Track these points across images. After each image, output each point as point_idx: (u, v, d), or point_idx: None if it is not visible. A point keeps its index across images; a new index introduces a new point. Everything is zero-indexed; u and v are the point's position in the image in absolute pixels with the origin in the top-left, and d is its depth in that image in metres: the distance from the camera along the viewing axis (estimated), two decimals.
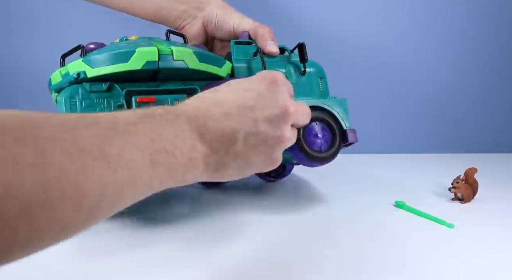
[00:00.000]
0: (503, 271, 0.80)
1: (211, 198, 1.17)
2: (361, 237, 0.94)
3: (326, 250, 0.88)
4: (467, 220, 1.04)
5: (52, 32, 1.57)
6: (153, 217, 1.03)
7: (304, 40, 1.09)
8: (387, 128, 1.71)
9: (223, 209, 1.09)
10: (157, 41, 0.97)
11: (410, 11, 1.62)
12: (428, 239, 0.93)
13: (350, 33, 1.62)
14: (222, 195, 1.20)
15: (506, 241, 0.93)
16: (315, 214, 1.08)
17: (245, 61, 1.06)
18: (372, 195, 1.22)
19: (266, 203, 1.14)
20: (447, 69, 1.68)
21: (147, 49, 0.88)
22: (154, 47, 0.89)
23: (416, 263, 0.82)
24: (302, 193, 1.23)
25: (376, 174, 1.40)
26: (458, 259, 0.84)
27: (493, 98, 1.73)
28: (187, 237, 0.92)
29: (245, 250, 0.86)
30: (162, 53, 0.89)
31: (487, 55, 1.69)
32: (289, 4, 1.59)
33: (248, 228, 0.97)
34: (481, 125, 1.75)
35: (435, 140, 1.73)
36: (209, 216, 1.04)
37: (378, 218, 1.05)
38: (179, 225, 0.98)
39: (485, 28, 1.66)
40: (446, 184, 1.26)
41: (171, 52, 0.91)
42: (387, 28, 1.62)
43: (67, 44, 0.99)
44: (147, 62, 0.88)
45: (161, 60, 0.89)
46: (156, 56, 0.89)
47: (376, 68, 1.65)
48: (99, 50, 0.93)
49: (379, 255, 0.86)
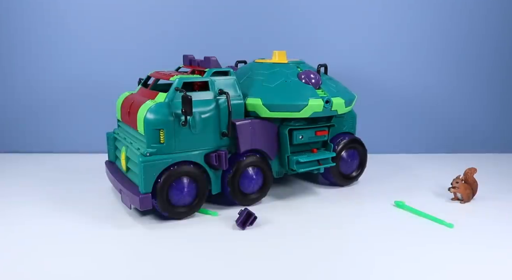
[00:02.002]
0: (502, 270, 0.81)
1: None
2: (361, 237, 0.94)
3: (326, 249, 0.88)
4: (466, 220, 1.05)
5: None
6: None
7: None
8: (387, 129, 1.71)
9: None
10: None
11: (403, 15, 1.62)
12: (428, 239, 0.94)
13: (350, 36, 1.62)
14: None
15: (505, 241, 0.94)
16: (315, 214, 1.08)
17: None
18: (372, 195, 1.22)
19: (268, 201, 1.15)
20: (447, 70, 1.69)
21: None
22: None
23: (416, 263, 0.83)
24: (302, 193, 1.24)
25: (376, 174, 1.40)
26: (458, 259, 0.85)
27: (493, 99, 1.73)
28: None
29: (248, 242, 0.87)
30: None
31: (487, 55, 1.69)
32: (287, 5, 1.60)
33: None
34: (481, 125, 1.75)
35: (435, 140, 1.74)
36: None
37: (378, 218, 1.06)
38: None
39: (479, 30, 1.66)
40: (446, 184, 1.27)
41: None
42: (385, 31, 1.62)
43: None
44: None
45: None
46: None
47: (377, 69, 1.65)
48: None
49: (379, 254, 0.86)
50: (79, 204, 1.11)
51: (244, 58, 1.43)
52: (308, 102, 1.10)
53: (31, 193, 1.19)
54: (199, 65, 1.16)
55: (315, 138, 1.18)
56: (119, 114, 1.17)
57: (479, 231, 0.99)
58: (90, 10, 1.53)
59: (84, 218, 1.02)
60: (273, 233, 0.96)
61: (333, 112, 1.16)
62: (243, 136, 1.08)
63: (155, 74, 1.16)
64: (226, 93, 1.06)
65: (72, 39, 1.55)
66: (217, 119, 1.06)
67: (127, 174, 1.12)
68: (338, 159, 1.23)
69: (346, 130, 1.29)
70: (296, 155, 1.16)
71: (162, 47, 1.57)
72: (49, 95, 1.59)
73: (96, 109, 1.60)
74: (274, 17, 1.59)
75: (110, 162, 1.25)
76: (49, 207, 1.10)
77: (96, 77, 1.58)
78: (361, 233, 0.97)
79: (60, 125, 1.62)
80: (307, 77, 1.17)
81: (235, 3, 1.57)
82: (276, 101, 1.10)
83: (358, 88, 1.53)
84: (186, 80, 1.04)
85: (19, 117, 1.61)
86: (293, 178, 1.36)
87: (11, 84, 1.59)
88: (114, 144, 1.23)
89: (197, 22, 1.57)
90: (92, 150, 1.60)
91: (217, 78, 1.08)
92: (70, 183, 1.27)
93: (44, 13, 1.53)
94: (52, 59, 1.57)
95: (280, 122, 1.16)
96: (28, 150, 1.62)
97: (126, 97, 1.15)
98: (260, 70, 1.20)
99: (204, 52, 1.25)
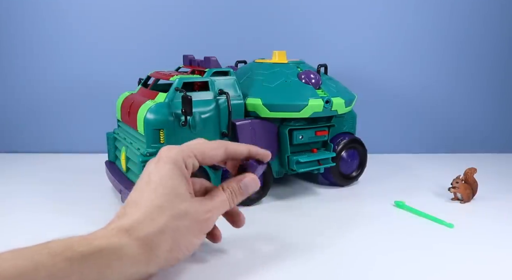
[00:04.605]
0: (502, 270, 0.81)
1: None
2: (361, 237, 0.94)
3: (326, 249, 0.88)
4: (466, 220, 1.05)
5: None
6: None
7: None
8: (387, 129, 1.71)
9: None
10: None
11: (403, 15, 1.62)
12: (428, 239, 0.94)
13: (350, 36, 1.62)
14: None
15: (505, 241, 0.94)
16: (315, 214, 1.08)
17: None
18: (372, 195, 1.22)
19: (268, 201, 1.15)
20: (447, 70, 1.68)
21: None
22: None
23: (416, 263, 0.83)
24: (302, 193, 1.24)
25: (376, 174, 1.40)
26: (458, 259, 0.85)
27: (493, 99, 1.73)
28: None
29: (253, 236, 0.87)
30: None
31: (487, 56, 1.69)
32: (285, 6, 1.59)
33: (255, 215, 0.98)
34: (481, 125, 1.75)
35: (435, 140, 1.74)
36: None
37: (378, 218, 1.06)
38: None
39: (478, 31, 1.66)
40: (446, 184, 1.27)
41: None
42: (385, 31, 1.62)
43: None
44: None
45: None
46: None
47: (377, 69, 1.65)
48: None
49: (379, 254, 0.86)
50: (79, 204, 1.11)
51: (244, 58, 1.43)
52: (308, 102, 1.10)
53: (31, 193, 1.19)
54: (199, 65, 1.16)
55: (315, 138, 1.18)
56: (119, 114, 1.17)
57: (479, 231, 0.98)
58: (90, 10, 1.53)
59: (84, 218, 1.02)
60: (273, 233, 0.96)
61: (333, 112, 1.16)
62: (243, 136, 1.08)
63: (155, 74, 1.16)
64: (226, 93, 1.06)
65: (72, 39, 1.55)
66: (217, 119, 1.06)
67: (127, 174, 1.12)
68: (338, 159, 1.23)
69: (346, 130, 1.29)
70: (296, 155, 1.16)
71: (162, 47, 1.57)
72: (49, 95, 1.59)
73: (96, 109, 1.60)
74: (274, 17, 1.59)
75: (110, 162, 1.25)
76: (49, 207, 1.09)
77: (96, 77, 1.58)
78: (361, 233, 0.97)
79: (60, 125, 1.62)
80: (307, 77, 1.17)
81: (235, 3, 1.57)
82: (276, 101, 1.10)
83: (358, 88, 1.53)
84: (186, 80, 1.04)
85: (19, 117, 1.61)
86: (293, 178, 1.36)
87: (11, 84, 1.59)
88: (114, 144, 1.23)
89: (197, 22, 1.57)
90: (92, 150, 1.60)
91: (217, 78, 1.08)
92: (70, 183, 1.27)
93: (44, 13, 1.53)
94: (52, 59, 1.57)
95: (280, 122, 1.16)
96: (28, 150, 1.62)
97: (126, 97, 1.15)
98: (260, 70, 1.20)
99: (204, 52, 1.25)
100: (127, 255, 0.63)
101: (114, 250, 0.62)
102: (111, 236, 0.64)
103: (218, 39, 1.58)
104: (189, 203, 0.72)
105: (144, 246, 0.65)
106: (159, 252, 0.67)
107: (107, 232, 0.65)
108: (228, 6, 1.57)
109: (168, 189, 0.70)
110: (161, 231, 0.67)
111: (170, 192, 0.70)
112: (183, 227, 0.70)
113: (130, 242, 0.64)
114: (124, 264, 0.63)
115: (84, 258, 0.59)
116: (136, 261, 0.65)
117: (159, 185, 0.70)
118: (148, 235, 0.66)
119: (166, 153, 0.74)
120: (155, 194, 0.70)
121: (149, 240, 0.66)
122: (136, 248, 0.64)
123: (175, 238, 0.69)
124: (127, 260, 0.63)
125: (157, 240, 0.67)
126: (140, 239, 0.65)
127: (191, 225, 0.71)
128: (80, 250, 0.59)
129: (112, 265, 0.61)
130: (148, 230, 0.66)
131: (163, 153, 0.74)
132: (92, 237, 0.63)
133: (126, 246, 0.63)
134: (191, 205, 0.72)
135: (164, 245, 0.68)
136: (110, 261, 0.61)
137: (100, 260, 0.60)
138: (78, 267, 0.58)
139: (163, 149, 0.76)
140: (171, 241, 0.68)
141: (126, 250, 0.63)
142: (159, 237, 0.67)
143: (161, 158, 0.74)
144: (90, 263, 0.59)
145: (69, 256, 0.57)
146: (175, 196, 0.71)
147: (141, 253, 0.65)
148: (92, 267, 0.59)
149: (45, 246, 0.59)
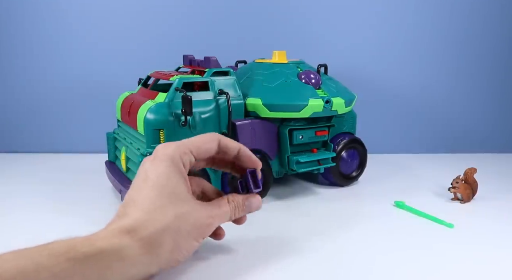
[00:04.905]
0: (502, 270, 0.81)
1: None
2: (361, 237, 0.94)
3: (326, 249, 0.88)
4: (466, 220, 1.05)
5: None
6: None
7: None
8: (387, 129, 1.71)
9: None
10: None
11: (403, 15, 1.62)
12: (428, 239, 0.94)
13: (350, 36, 1.62)
14: None
15: (505, 241, 0.94)
16: (315, 214, 1.08)
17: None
18: (372, 195, 1.22)
19: (268, 201, 1.14)
20: (446, 70, 1.68)
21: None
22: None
23: (416, 263, 0.83)
24: (302, 193, 1.24)
25: (376, 174, 1.40)
26: (458, 259, 0.85)
27: (493, 99, 1.73)
28: None
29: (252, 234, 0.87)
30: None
31: (487, 56, 1.69)
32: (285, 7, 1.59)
33: (255, 215, 0.98)
34: (481, 125, 1.75)
35: (435, 140, 1.74)
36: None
37: (378, 218, 1.06)
38: None
39: (478, 31, 1.66)
40: (446, 184, 1.27)
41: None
42: (385, 31, 1.62)
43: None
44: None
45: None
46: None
47: (377, 69, 1.65)
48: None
49: (379, 254, 0.86)
50: (79, 204, 1.11)
51: (244, 58, 1.43)
52: (308, 102, 1.10)
53: (31, 193, 1.19)
54: (199, 65, 1.16)
55: (315, 138, 1.18)
56: (119, 114, 1.17)
57: (479, 231, 0.99)
58: (90, 10, 1.53)
59: (84, 218, 1.02)
60: (273, 233, 0.96)
61: (333, 112, 1.16)
62: (243, 136, 1.08)
63: (155, 74, 1.16)
64: (226, 93, 1.06)
65: (72, 39, 1.55)
66: (217, 119, 1.06)
67: (127, 174, 1.12)
68: (338, 159, 1.23)
69: (346, 130, 1.29)
70: (296, 155, 1.16)
71: (162, 47, 1.57)
72: (49, 95, 1.59)
73: (96, 109, 1.60)
74: (274, 17, 1.59)
75: (110, 162, 1.25)
76: (49, 207, 1.09)
77: (96, 77, 1.58)
78: (361, 233, 0.97)
79: (60, 125, 1.62)
80: (307, 77, 1.17)
81: (235, 3, 1.57)
82: (276, 101, 1.11)
83: (358, 88, 1.53)
84: (186, 80, 1.04)
85: (19, 117, 1.61)
86: (293, 178, 1.36)
87: (11, 84, 1.59)
88: (114, 144, 1.23)
89: (197, 22, 1.57)
90: (92, 150, 1.60)
91: (217, 78, 1.08)
92: (70, 183, 1.27)
93: (44, 13, 1.53)
94: (52, 59, 1.57)
95: (280, 122, 1.16)
96: (28, 150, 1.62)
97: (126, 97, 1.15)
98: (260, 70, 1.20)
99: (204, 52, 1.25)
100: (128, 256, 0.63)
101: (115, 251, 0.62)
102: (112, 237, 0.64)
103: (218, 39, 1.58)
104: (191, 205, 0.72)
105: (146, 246, 0.65)
106: (161, 252, 0.67)
107: (108, 232, 0.65)
108: (228, 6, 1.57)
109: (169, 189, 0.70)
110: (164, 231, 0.67)
111: (170, 192, 0.70)
112: (185, 228, 0.70)
113: (131, 243, 0.64)
114: (125, 265, 0.63)
115: (87, 258, 0.59)
116: (138, 262, 0.65)
117: (157, 184, 0.70)
118: (151, 235, 0.66)
119: (163, 150, 0.74)
120: (155, 193, 0.70)
121: (151, 240, 0.66)
122: (138, 249, 0.64)
123: (176, 239, 0.69)
124: (128, 261, 0.63)
125: (160, 240, 0.67)
126: (142, 239, 0.65)
127: (192, 227, 0.71)
128: (83, 251, 0.59)
129: (113, 266, 0.61)
130: (151, 230, 0.66)
131: (160, 150, 0.74)
132: (94, 237, 0.63)
133: (127, 247, 0.63)
134: (193, 207, 0.72)
135: (166, 245, 0.68)
136: (111, 262, 0.61)
137: (101, 262, 0.60)
138: (80, 268, 0.58)
139: (159, 147, 0.76)
140: (173, 242, 0.68)
141: (127, 251, 0.63)
142: (161, 236, 0.67)
143: (158, 155, 0.73)
144: (91, 264, 0.59)
145: (72, 256, 0.58)
146: (176, 196, 0.71)
147: (142, 253, 0.65)
148: (93, 268, 0.59)
149: (46, 246, 0.59)
